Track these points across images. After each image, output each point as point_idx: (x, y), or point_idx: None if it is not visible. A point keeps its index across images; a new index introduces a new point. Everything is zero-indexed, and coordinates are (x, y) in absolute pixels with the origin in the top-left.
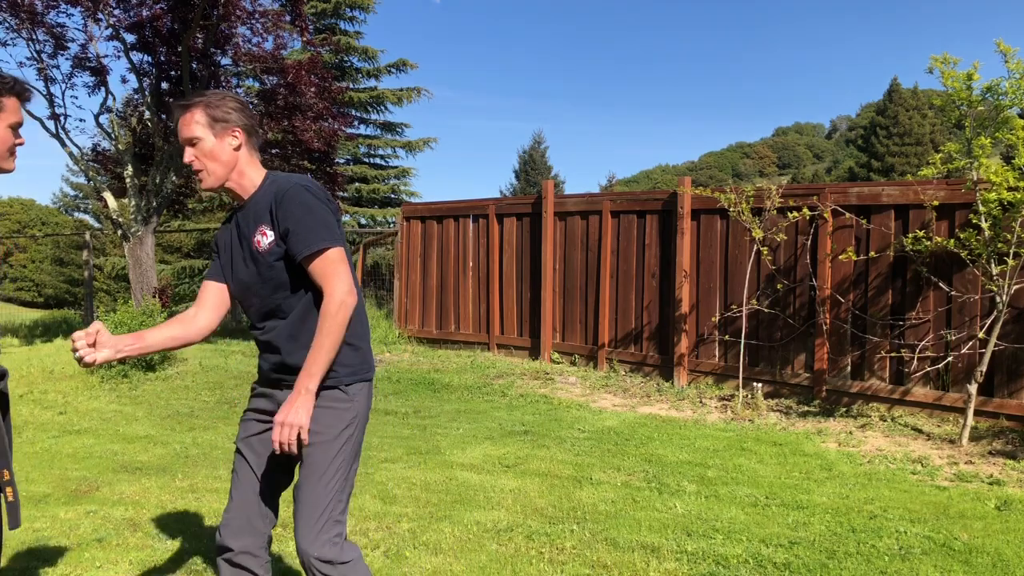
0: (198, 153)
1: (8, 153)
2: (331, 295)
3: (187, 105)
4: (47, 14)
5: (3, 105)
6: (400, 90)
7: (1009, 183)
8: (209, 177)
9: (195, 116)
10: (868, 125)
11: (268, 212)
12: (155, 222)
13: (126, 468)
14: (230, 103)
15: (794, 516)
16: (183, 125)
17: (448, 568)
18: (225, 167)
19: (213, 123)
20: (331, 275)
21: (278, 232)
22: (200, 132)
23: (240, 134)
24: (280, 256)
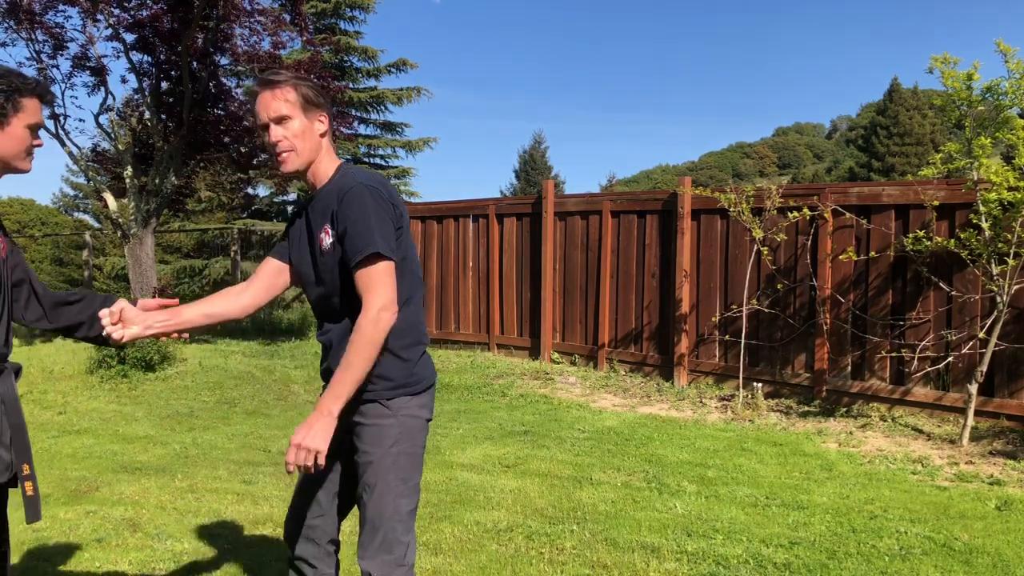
0: (287, 133)
1: (25, 154)
2: (366, 310)
3: (277, 81)
4: (45, 14)
5: (23, 105)
6: (400, 90)
7: (1009, 183)
8: (296, 158)
9: (286, 94)
10: (868, 125)
11: (331, 211)
12: (155, 222)
13: (126, 468)
14: (318, 87)
15: (794, 516)
16: (267, 102)
17: (448, 568)
18: (312, 152)
19: (306, 103)
20: (371, 287)
21: (337, 233)
22: (290, 111)
23: (326, 120)
24: (338, 259)
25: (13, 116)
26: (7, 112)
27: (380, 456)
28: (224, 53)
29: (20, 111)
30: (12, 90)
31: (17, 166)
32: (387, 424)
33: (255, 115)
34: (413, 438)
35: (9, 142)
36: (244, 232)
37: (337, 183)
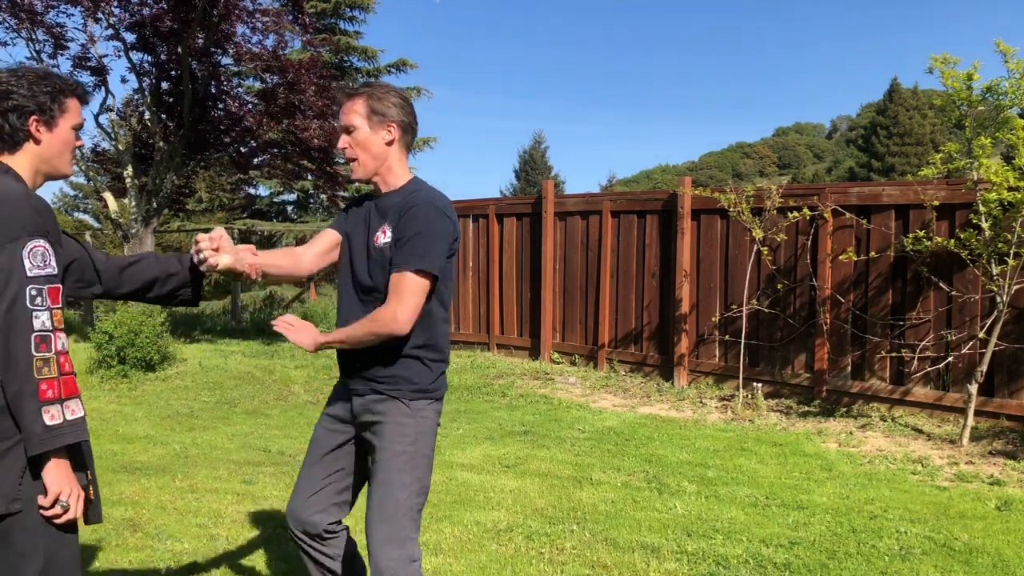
0: (352, 142)
1: (70, 155)
2: (387, 307)
3: (351, 93)
4: (47, 14)
5: (67, 106)
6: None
7: (1009, 183)
8: (359, 168)
9: (356, 105)
10: (868, 125)
11: (396, 215)
12: (155, 222)
13: (126, 468)
14: (393, 98)
15: (794, 516)
16: (344, 112)
17: (448, 568)
18: (375, 160)
19: (371, 114)
20: (402, 294)
21: (395, 236)
22: (357, 121)
23: (395, 130)
24: (388, 260)
25: (60, 117)
26: (55, 114)
27: (399, 452)
28: (226, 53)
29: (66, 112)
30: (57, 91)
31: (61, 169)
32: (408, 423)
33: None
34: (429, 440)
35: (57, 144)
36: (244, 232)
37: (408, 193)
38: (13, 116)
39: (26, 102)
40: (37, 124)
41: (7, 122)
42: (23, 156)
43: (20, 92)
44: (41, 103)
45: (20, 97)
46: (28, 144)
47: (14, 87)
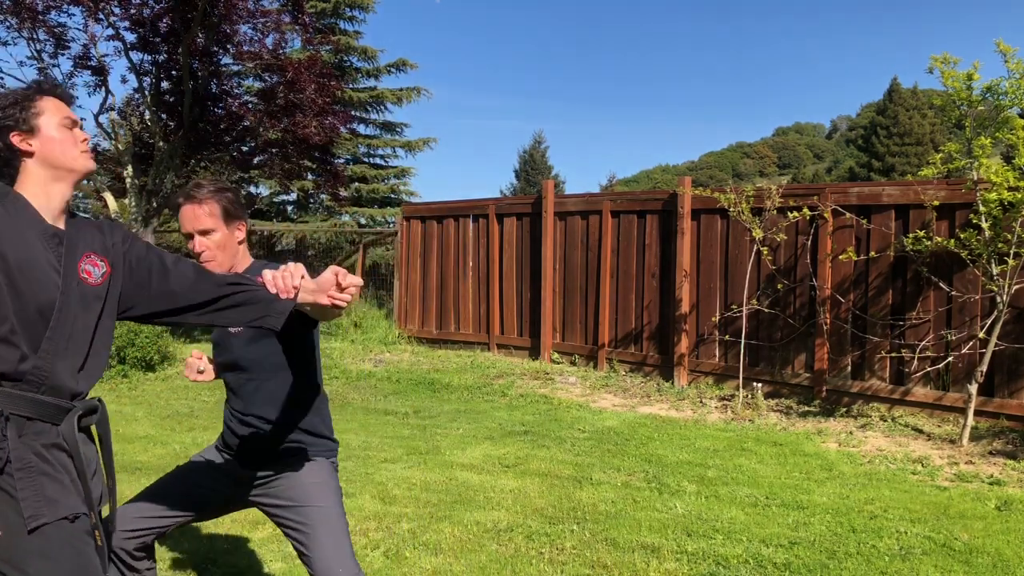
0: (209, 243)
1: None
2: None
3: (201, 197)
4: (48, 13)
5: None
6: (400, 90)
7: (1009, 183)
8: (217, 268)
9: (211, 207)
10: (868, 125)
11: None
12: (155, 222)
13: (126, 468)
14: (234, 196)
15: (794, 516)
16: (196, 214)
17: (448, 568)
18: (231, 258)
19: (227, 216)
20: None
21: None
22: (212, 224)
23: (244, 229)
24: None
25: (37, 119)
26: (29, 118)
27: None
28: (226, 52)
29: (41, 113)
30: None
31: (69, 164)
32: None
33: (180, 222)
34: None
35: (50, 145)
36: None
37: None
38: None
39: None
40: (20, 138)
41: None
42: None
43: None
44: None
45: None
46: (26, 161)
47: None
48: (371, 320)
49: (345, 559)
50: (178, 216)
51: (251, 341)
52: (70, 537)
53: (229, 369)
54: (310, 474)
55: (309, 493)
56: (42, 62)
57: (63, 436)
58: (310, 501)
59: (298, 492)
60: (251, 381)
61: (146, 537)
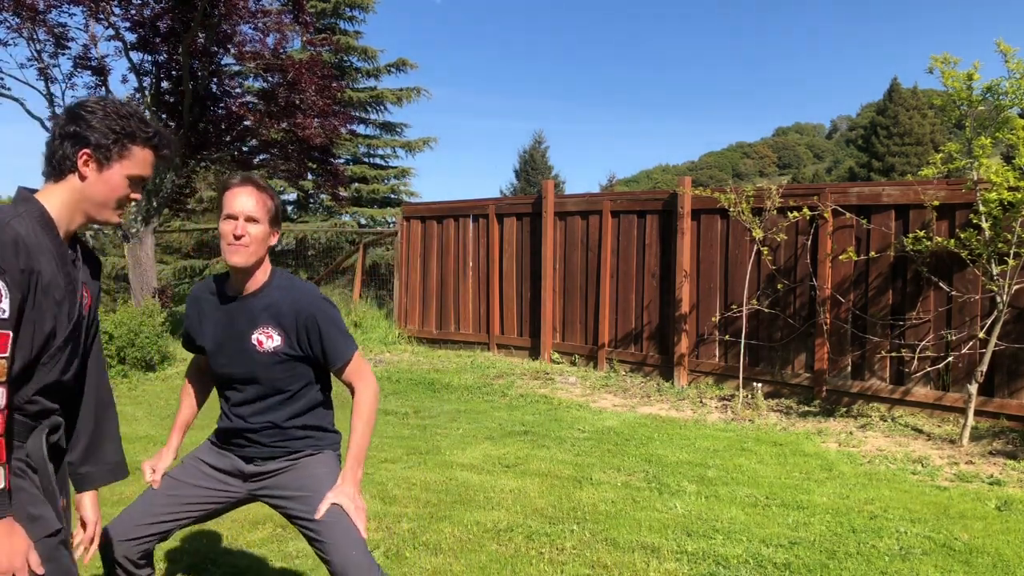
0: (250, 231)
1: (116, 205)
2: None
3: (263, 186)
4: (48, 13)
5: (129, 152)
6: (400, 90)
7: (1009, 183)
8: (246, 255)
9: (267, 202)
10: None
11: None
12: (155, 222)
13: None
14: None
15: (794, 516)
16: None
17: (448, 568)
18: (259, 256)
19: (274, 217)
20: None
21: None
22: (262, 216)
23: (277, 237)
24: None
25: (116, 162)
26: (111, 155)
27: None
28: (227, 52)
29: (125, 158)
30: (126, 134)
31: (101, 216)
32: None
33: (224, 202)
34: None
35: (103, 188)
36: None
37: (283, 294)
38: (68, 143)
39: (87, 132)
40: (87, 159)
41: (62, 147)
42: (63, 188)
43: (89, 122)
44: (100, 139)
45: (85, 126)
46: (72, 177)
47: (87, 113)
48: (371, 320)
49: (358, 542)
50: (226, 195)
51: (279, 363)
52: (52, 552)
53: (239, 381)
54: (318, 464)
55: (320, 481)
56: (42, 62)
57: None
58: (321, 489)
59: (307, 481)
60: (269, 396)
61: (148, 544)
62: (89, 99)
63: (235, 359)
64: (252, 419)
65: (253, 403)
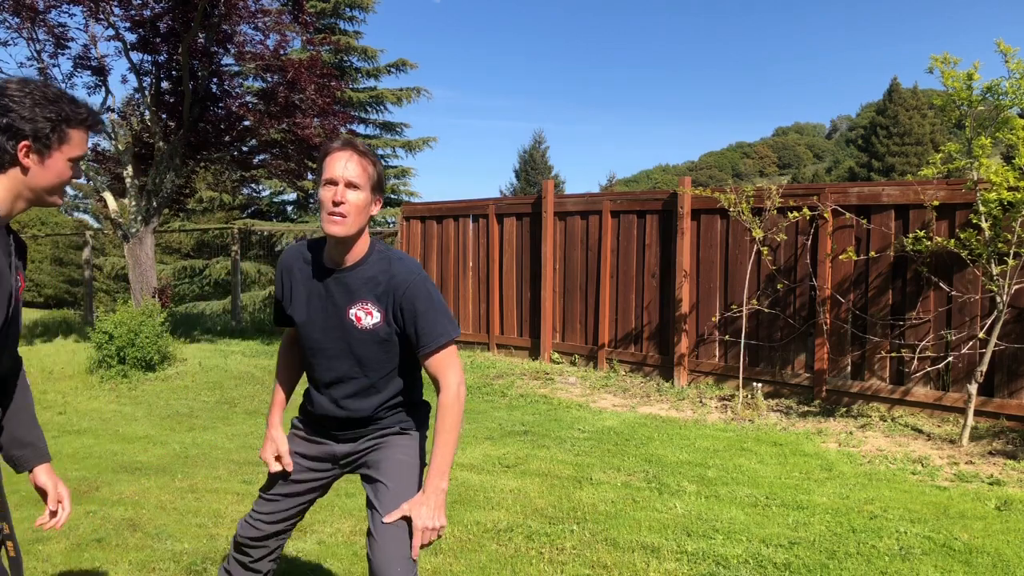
0: (350, 198)
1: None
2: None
3: (367, 152)
4: (48, 13)
5: (69, 137)
6: (400, 90)
7: (1009, 183)
8: (345, 225)
9: (369, 168)
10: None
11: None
12: (155, 222)
13: (126, 468)
14: (382, 171)
15: (794, 516)
16: (354, 166)
17: (448, 568)
18: (359, 227)
19: (376, 184)
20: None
21: (394, 317)
22: (363, 182)
23: (379, 206)
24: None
25: (57, 149)
26: (51, 144)
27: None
28: (227, 52)
29: (66, 143)
30: (62, 120)
31: (47, 200)
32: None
33: (324, 167)
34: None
35: (47, 176)
36: (244, 232)
37: (382, 267)
38: (3, 137)
39: (21, 124)
40: (27, 151)
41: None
42: (4, 180)
43: (19, 112)
44: (38, 130)
45: (17, 117)
46: (13, 170)
47: (15, 104)
48: None
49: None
50: (326, 160)
51: (378, 342)
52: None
53: (332, 358)
54: (403, 448)
55: (400, 472)
56: (42, 62)
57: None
58: (397, 481)
59: (388, 466)
60: (363, 376)
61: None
62: (9, 84)
63: (330, 335)
64: (345, 402)
65: (347, 383)
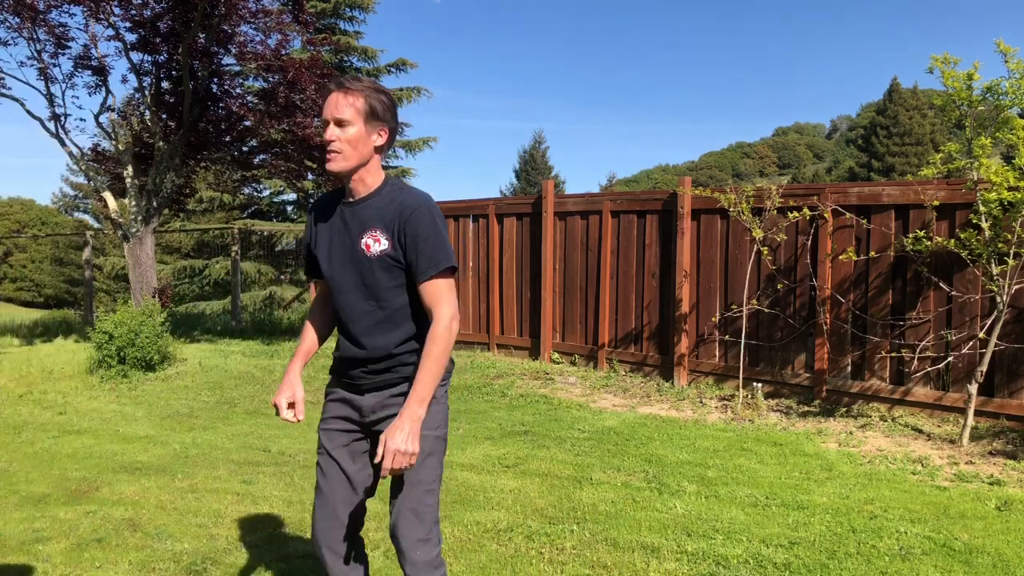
0: (342, 136)
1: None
2: (439, 319)
3: (350, 87)
4: (49, 13)
5: None
6: (400, 90)
7: (1009, 183)
8: (342, 160)
9: (356, 101)
10: (868, 125)
11: (388, 221)
12: (155, 222)
13: (126, 468)
14: (387, 101)
15: (794, 516)
16: (337, 104)
17: (448, 568)
18: (360, 159)
19: (370, 115)
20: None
21: (397, 243)
22: (352, 117)
23: (385, 134)
24: (386, 267)
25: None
26: None
27: (427, 437)
28: (228, 52)
29: None
30: None
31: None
32: (435, 410)
33: (323, 109)
34: (446, 424)
35: None
36: (244, 232)
37: (392, 196)
38: None
39: None
40: None
41: None
42: None
43: None
44: None
45: None
46: None
47: None
48: None
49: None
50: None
51: (385, 269)
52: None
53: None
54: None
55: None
56: (42, 62)
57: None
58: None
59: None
60: (378, 310)
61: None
62: None
63: (346, 266)
64: (364, 340)
65: (364, 318)
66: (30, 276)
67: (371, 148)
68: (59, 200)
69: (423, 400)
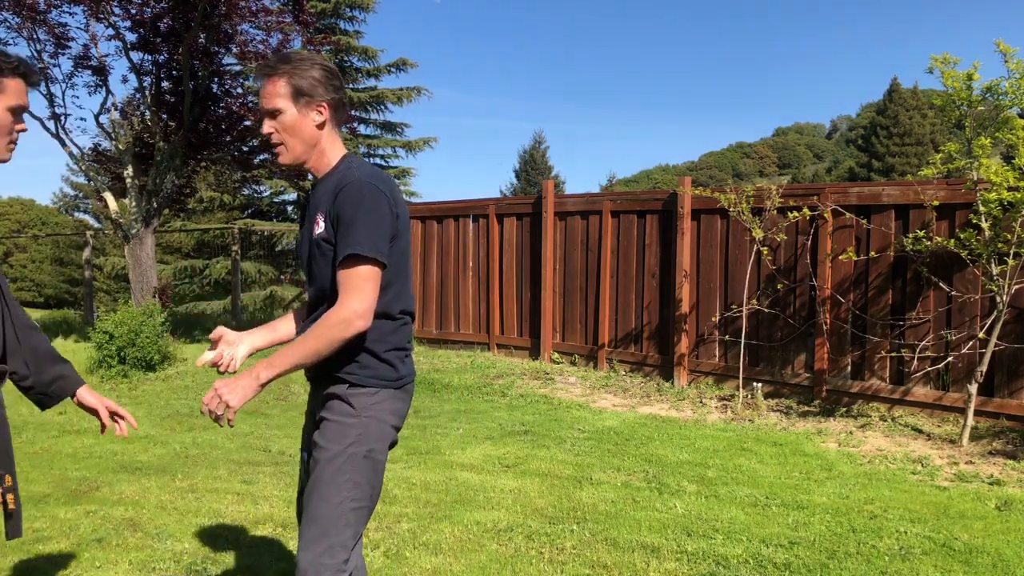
0: (278, 126)
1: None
2: (338, 308)
3: (270, 72)
4: (49, 12)
5: (5, 86)
6: (400, 90)
7: (1009, 183)
8: (286, 153)
9: (277, 87)
10: (868, 125)
11: (327, 201)
12: (155, 222)
13: (126, 468)
14: (317, 73)
15: (794, 516)
16: (265, 95)
17: (448, 568)
18: (305, 144)
19: (297, 95)
20: (349, 289)
21: (331, 226)
22: (282, 104)
23: (326, 110)
24: (326, 253)
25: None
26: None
27: (334, 455)
28: (228, 52)
29: (3, 92)
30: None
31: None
32: (348, 423)
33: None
34: (372, 440)
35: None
36: (244, 232)
37: (339, 174)
38: None
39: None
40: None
41: None
42: None
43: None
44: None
45: None
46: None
47: None
48: None
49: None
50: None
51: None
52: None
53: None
54: (336, 409)
55: (323, 432)
56: (42, 62)
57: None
58: (319, 442)
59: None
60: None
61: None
62: None
63: (304, 253)
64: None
65: (315, 309)
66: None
67: (312, 129)
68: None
69: (273, 366)
